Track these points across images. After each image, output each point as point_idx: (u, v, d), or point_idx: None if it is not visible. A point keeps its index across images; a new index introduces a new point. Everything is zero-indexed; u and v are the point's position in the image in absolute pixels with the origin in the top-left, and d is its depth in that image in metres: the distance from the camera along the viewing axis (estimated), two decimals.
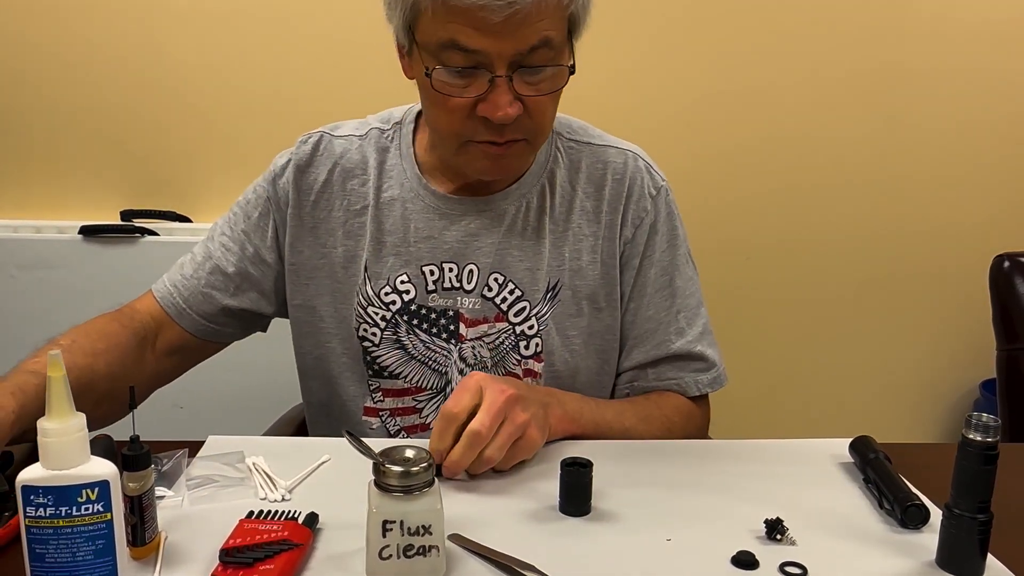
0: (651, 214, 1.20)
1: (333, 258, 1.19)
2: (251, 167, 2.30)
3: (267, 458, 0.99)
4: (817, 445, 1.09)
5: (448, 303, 1.17)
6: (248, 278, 1.20)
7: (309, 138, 1.22)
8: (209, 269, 1.20)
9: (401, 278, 1.17)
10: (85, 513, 0.70)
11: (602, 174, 1.20)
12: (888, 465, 0.98)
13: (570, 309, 1.19)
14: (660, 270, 1.21)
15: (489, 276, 1.17)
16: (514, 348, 1.18)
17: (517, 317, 1.18)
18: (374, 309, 1.18)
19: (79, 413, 0.70)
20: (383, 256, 1.18)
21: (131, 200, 2.32)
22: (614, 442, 1.08)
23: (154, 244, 2.21)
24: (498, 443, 0.94)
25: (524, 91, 1.02)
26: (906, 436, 2.77)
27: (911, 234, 2.53)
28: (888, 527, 0.90)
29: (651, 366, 1.21)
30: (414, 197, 1.18)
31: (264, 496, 0.91)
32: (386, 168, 1.19)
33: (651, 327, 1.21)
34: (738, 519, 0.90)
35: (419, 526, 0.76)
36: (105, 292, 2.21)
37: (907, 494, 0.91)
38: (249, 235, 1.20)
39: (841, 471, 1.03)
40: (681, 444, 1.08)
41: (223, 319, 1.21)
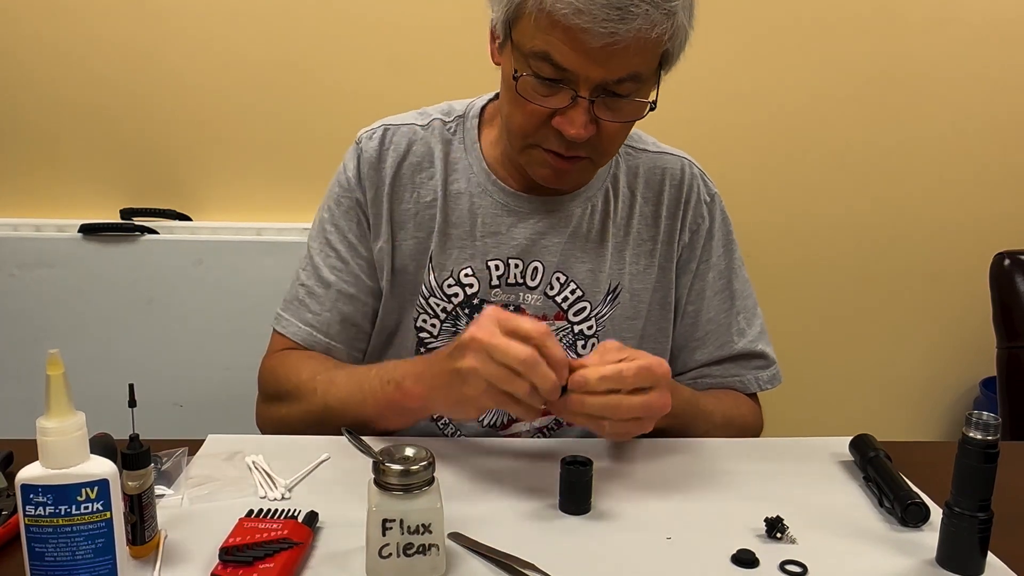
0: (707, 220, 1.23)
1: (404, 250, 1.19)
2: (252, 165, 2.32)
3: (267, 457, 0.99)
4: (817, 443, 1.09)
5: (510, 299, 1.18)
6: (371, 289, 1.20)
7: (373, 133, 1.21)
8: (335, 297, 1.18)
9: (465, 271, 1.18)
10: (84, 512, 0.70)
11: (660, 180, 1.22)
12: (888, 463, 0.98)
13: (628, 312, 1.21)
14: (718, 274, 1.24)
15: (552, 275, 1.18)
16: (571, 347, 1.20)
17: (577, 317, 1.19)
18: (435, 300, 1.18)
19: (79, 412, 0.70)
20: (448, 248, 1.18)
21: (131, 198, 2.31)
22: (614, 441, 1.08)
23: (154, 243, 2.20)
24: (635, 402, 0.90)
25: (603, 115, 1.03)
26: (906, 434, 2.77)
27: (911, 231, 2.53)
28: (888, 525, 0.90)
29: (716, 364, 1.24)
30: (482, 192, 1.18)
31: (264, 495, 0.91)
32: (451, 160, 1.19)
33: (712, 328, 1.24)
34: (738, 517, 0.89)
35: (419, 525, 0.76)
36: (105, 291, 2.23)
37: (907, 492, 0.91)
38: (355, 247, 1.19)
39: (841, 469, 1.03)
40: (681, 443, 1.07)
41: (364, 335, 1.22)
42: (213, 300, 2.23)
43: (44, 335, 2.19)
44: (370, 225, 1.19)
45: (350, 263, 1.19)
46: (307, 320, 1.18)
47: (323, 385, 1.08)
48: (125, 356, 2.22)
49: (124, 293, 2.21)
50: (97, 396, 2.35)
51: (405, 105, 1.31)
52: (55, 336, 2.19)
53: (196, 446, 1.03)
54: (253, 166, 2.33)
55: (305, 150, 2.23)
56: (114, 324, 2.21)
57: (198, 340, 2.24)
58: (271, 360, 1.18)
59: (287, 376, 1.12)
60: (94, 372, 2.21)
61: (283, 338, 1.18)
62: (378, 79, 2.23)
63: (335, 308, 1.18)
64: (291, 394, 1.11)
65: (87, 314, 2.20)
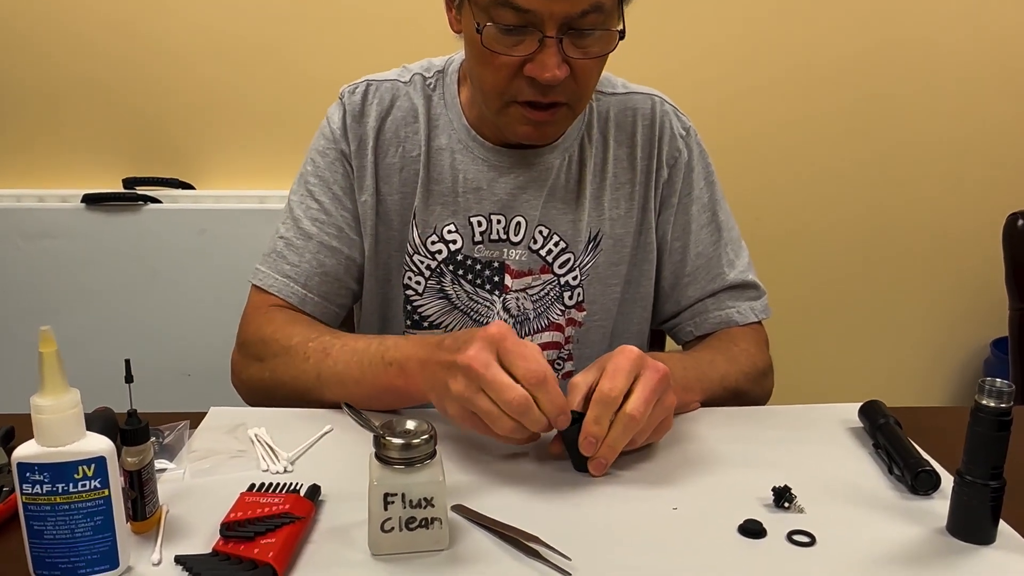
0: (684, 153, 1.22)
1: (389, 205, 1.18)
2: (255, 132, 2.30)
3: (269, 429, 0.98)
4: (826, 410, 1.07)
5: (494, 254, 1.18)
6: (354, 243, 1.19)
7: (356, 88, 1.19)
8: (315, 249, 1.17)
9: (448, 228, 1.17)
10: (82, 490, 0.69)
11: (632, 120, 1.21)
12: (898, 430, 0.96)
13: (612, 258, 1.20)
14: (701, 206, 1.23)
15: (535, 229, 1.18)
16: (558, 299, 1.20)
17: (562, 268, 1.19)
18: (420, 258, 1.18)
19: (73, 389, 0.69)
20: (431, 205, 1.18)
21: (133, 167, 2.30)
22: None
23: (157, 212, 2.20)
24: (649, 428, 0.90)
25: (573, 53, 1.01)
26: (916, 397, 2.77)
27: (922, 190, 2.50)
28: (898, 493, 0.89)
29: (710, 297, 1.23)
30: (463, 148, 1.17)
31: (266, 468, 0.90)
32: (432, 116, 1.18)
33: (702, 263, 1.23)
34: (745, 487, 0.88)
35: (421, 498, 0.75)
36: (109, 261, 2.22)
37: (917, 460, 0.89)
38: (340, 198, 1.17)
39: (850, 436, 1.01)
40: (685, 415, 1.06)
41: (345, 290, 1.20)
42: (217, 269, 2.22)
43: (48, 306, 2.19)
44: (355, 177, 1.17)
45: (333, 215, 1.17)
46: (284, 271, 1.16)
47: (316, 354, 1.05)
48: (130, 326, 2.22)
49: (128, 263, 2.20)
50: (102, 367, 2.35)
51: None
52: (59, 307, 2.19)
53: (198, 419, 1.02)
54: (256, 133, 2.31)
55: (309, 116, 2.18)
56: (118, 294, 2.20)
57: (203, 309, 2.23)
58: (257, 317, 1.14)
59: (275, 337, 1.09)
60: (99, 343, 2.21)
61: (261, 292, 1.16)
62: (384, 44, 2.20)
63: (315, 259, 1.16)
64: (278, 357, 1.08)
65: (91, 285, 2.20)
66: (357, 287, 1.21)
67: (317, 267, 1.16)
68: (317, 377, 1.04)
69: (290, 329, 1.09)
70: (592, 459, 0.89)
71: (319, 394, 1.04)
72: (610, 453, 0.89)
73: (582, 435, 0.88)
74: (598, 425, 0.87)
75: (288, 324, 1.11)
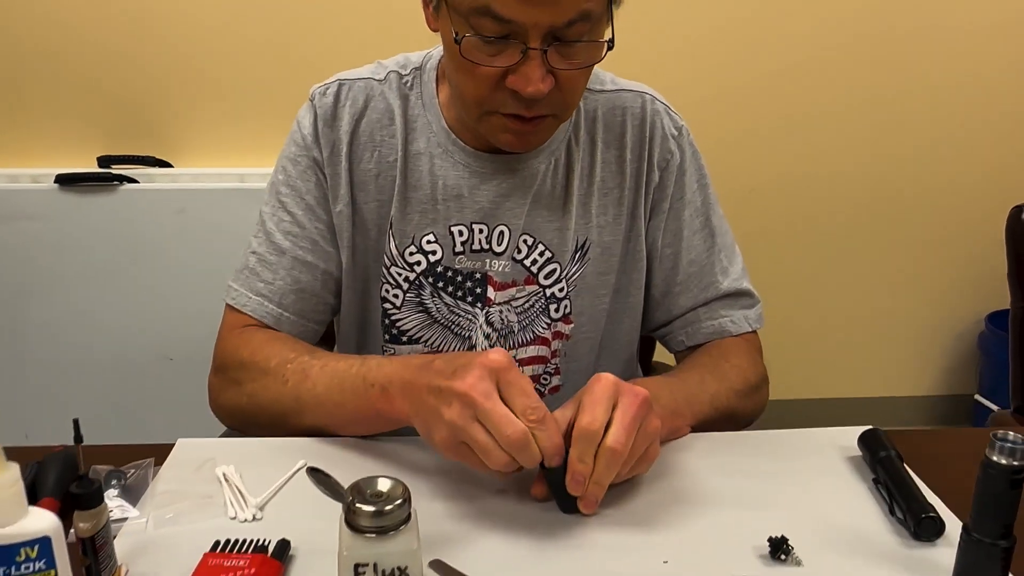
0: (676, 155, 1.15)
1: (366, 214, 1.11)
2: (235, 107, 2.22)
3: (240, 465, 0.93)
4: (823, 436, 1.03)
5: (476, 265, 1.12)
6: (330, 256, 1.13)
7: (327, 89, 1.11)
8: (289, 265, 1.10)
9: (427, 238, 1.11)
10: (26, 572, 0.64)
11: (621, 120, 1.14)
12: (900, 465, 0.92)
13: (600, 267, 1.15)
14: (694, 211, 1.17)
15: (519, 238, 1.11)
16: (544, 312, 1.14)
17: (548, 279, 1.13)
18: (397, 270, 1.12)
19: (11, 464, 0.64)
20: (408, 213, 1.11)
21: (108, 145, 2.23)
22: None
23: (134, 192, 2.14)
24: (633, 458, 0.85)
25: (558, 64, 0.93)
26: (911, 373, 2.75)
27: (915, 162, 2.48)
28: (899, 539, 0.85)
29: (702, 307, 1.18)
30: (442, 153, 1.10)
31: (234, 515, 0.85)
32: (409, 118, 1.11)
33: (694, 271, 1.17)
34: (740, 533, 0.84)
35: (394, 568, 0.70)
36: (84, 244, 2.15)
37: (921, 504, 0.85)
38: (313, 209, 1.11)
39: (850, 468, 0.97)
40: (674, 442, 1.01)
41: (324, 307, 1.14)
42: (198, 250, 2.16)
43: (22, 291, 2.13)
44: (328, 186, 1.10)
45: (307, 227, 1.10)
46: (258, 289, 1.10)
47: (295, 376, 1.00)
48: (108, 311, 2.16)
49: (105, 245, 2.14)
50: (81, 354, 2.30)
51: (393, 44, 1.21)
52: (33, 292, 2.13)
53: (164, 452, 0.97)
54: (236, 108, 2.23)
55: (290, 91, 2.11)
56: (95, 278, 2.15)
57: (184, 291, 2.18)
58: (232, 339, 1.08)
59: (253, 360, 1.04)
60: (76, 329, 2.16)
61: (235, 312, 1.10)
62: (367, 17, 2.12)
63: (290, 276, 1.10)
64: (256, 381, 1.02)
65: (66, 268, 2.14)
66: (335, 301, 1.15)
67: (292, 284, 1.10)
68: (296, 400, 0.99)
69: (268, 350, 1.04)
70: (581, 498, 0.84)
71: (298, 419, 0.99)
72: (598, 490, 0.84)
73: (569, 474, 0.83)
74: (583, 463, 0.82)
75: (266, 345, 1.05)
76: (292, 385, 1.00)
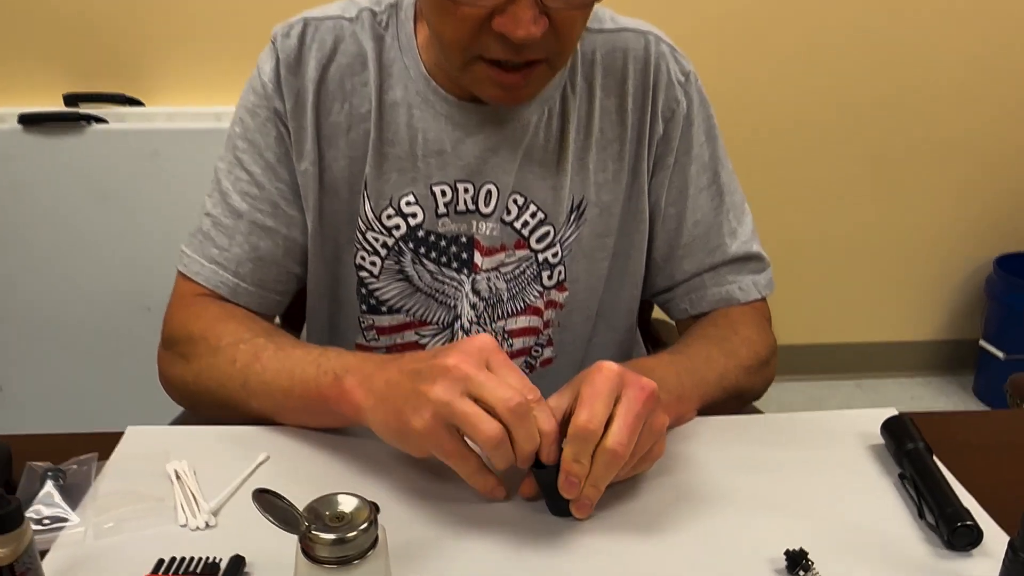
0: (683, 104, 1.03)
1: (335, 173, 0.99)
2: (212, 40, 2.08)
3: (195, 458, 0.84)
4: (842, 421, 0.93)
5: (461, 228, 1.00)
6: (293, 220, 1.01)
7: (290, 29, 0.98)
8: (247, 229, 0.99)
9: (407, 199, 0.99)
10: None
11: (622, 64, 1.01)
12: (929, 460, 0.82)
13: (597, 228, 1.03)
14: (701, 166, 1.05)
15: (508, 198, 1.00)
16: (536, 279, 1.03)
17: (540, 243, 1.02)
18: (374, 235, 1.00)
19: None
20: (385, 172, 0.99)
21: (74, 82, 2.10)
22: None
23: (104, 133, 2.01)
24: (635, 458, 0.76)
25: (553, 3, 0.81)
26: (914, 316, 2.68)
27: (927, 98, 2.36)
28: (930, 548, 0.75)
29: (708, 272, 1.07)
30: (422, 102, 0.98)
31: (184, 523, 0.76)
32: (385, 63, 0.98)
33: (700, 233, 1.06)
34: (753, 544, 0.75)
35: None
36: (51, 188, 2.02)
37: (955, 509, 0.76)
38: (273, 168, 0.99)
39: (872, 459, 0.87)
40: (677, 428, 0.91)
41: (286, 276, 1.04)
42: (173, 194, 2.05)
43: None
44: (292, 141, 0.98)
45: (267, 188, 0.99)
46: (212, 256, 0.99)
47: (245, 357, 0.89)
48: (80, 259, 2.06)
49: (74, 190, 2.03)
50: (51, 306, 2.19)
51: None
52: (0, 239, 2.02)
53: (111, 442, 0.87)
54: (212, 41, 2.09)
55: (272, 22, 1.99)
56: (64, 225, 2.04)
57: (160, 238, 2.07)
58: (183, 310, 0.98)
59: (204, 336, 0.93)
60: (44, 278, 2.05)
61: (187, 280, 1.00)
62: None
63: (247, 242, 0.99)
64: (203, 359, 0.92)
65: (35, 214, 2.03)
66: (300, 270, 1.04)
67: (250, 251, 0.99)
68: (243, 385, 0.89)
69: (221, 328, 0.94)
70: (575, 501, 0.75)
71: (245, 405, 0.89)
72: (594, 493, 0.75)
73: (562, 475, 0.74)
74: (579, 463, 0.73)
75: (219, 322, 0.95)
76: (240, 367, 0.89)
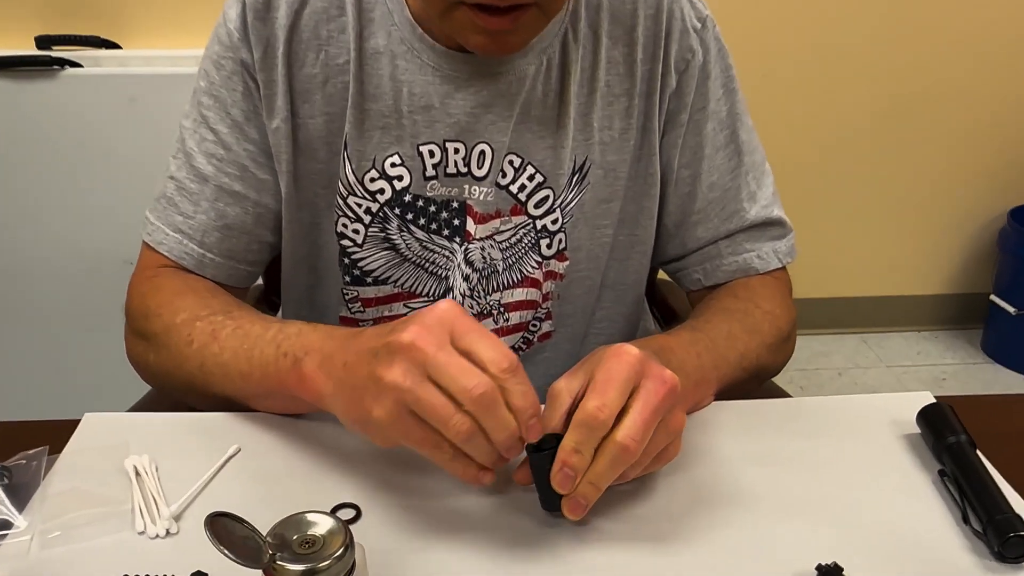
0: (699, 53, 0.93)
1: (311, 131, 0.89)
2: None
3: (158, 452, 0.75)
4: (873, 407, 0.85)
5: (452, 192, 0.91)
6: (265, 184, 0.92)
7: None
8: (213, 195, 0.90)
9: (392, 160, 0.89)
10: None
11: (631, 10, 0.91)
12: (973, 454, 0.74)
13: (602, 193, 0.94)
14: (719, 123, 0.96)
15: (504, 159, 0.90)
16: (533, 247, 0.94)
17: (538, 209, 0.93)
18: (356, 200, 0.91)
19: None
20: (367, 130, 0.89)
21: (47, 23, 1.99)
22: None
23: (79, 78, 1.90)
24: (647, 458, 0.68)
25: None
26: (924, 269, 2.62)
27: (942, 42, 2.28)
28: (977, 558, 0.68)
29: (724, 239, 0.98)
30: (406, 51, 0.87)
31: (143, 530, 0.68)
32: (365, 6, 0.87)
33: (716, 196, 0.97)
34: (779, 556, 0.67)
35: None
36: (23, 136, 1.90)
37: (1006, 515, 0.67)
38: (241, 127, 0.89)
39: (908, 453, 0.79)
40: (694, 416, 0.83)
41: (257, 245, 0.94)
42: (152, 143, 1.93)
43: None
44: (261, 96, 0.88)
45: (234, 149, 0.89)
46: (176, 224, 0.89)
47: (202, 337, 0.81)
48: (57, 211, 1.96)
49: (48, 138, 1.92)
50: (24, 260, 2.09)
51: None
52: None
53: (67, 430, 0.78)
54: None
55: None
56: (38, 175, 1.94)
57: (140, 189, 1.95)
58: (143, 283, 0.89)
59: (159, 312, 0.84)
60: (19, 231, 1.96)
61: (151, 251, 0.91)
62: None
63: (213, 209, 0.89)
64: (159, 337, 0.84)
65: (6, 163, 1.92)
66: (274, 238, 0.95)
67: (216, 219, 0.90)
68: (200, 367, 0.80)
69: (179, 303, 0.84)
70: (568, 498, 0.66)
71: (204, 389, 0.81)
72: (592, 492, 0.66)
73: (556, 465, 0.65)
74: (579, 454, 0.64)
75: (177, 296, 0.85)
76: (197, 348, 0.81)
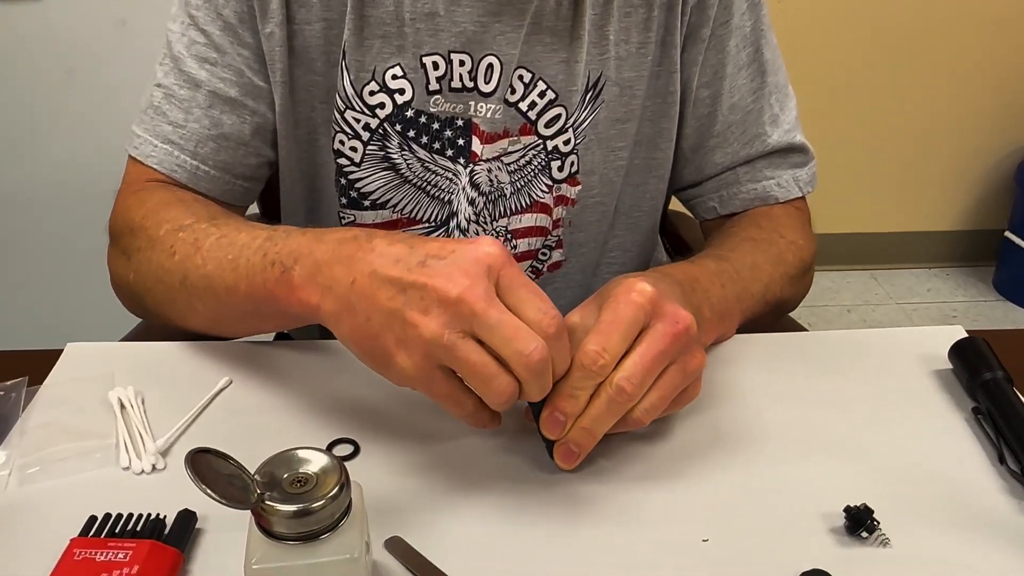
0: None
1: (308, 38, 0.83)
2: None
3: (145, 384, 0.71)
4: (901, 340, 0.80)
5: (457, 109, 0.85)
6: (261, 91, 0.85)
7: None
8: (207, 102, 0.83)
9: (393, 71, 0.83)
10: None
11: None
12: (1010, 391, 0.70)
13: (617, 112, 0.88)
14: (742, 39, 0.89)
15: (513, 74, 0.84)
16: (544, 170, 0.89)
17: (549, 128, 0.87)
18: (354, 114, 0.85)
19: None
20: (366, 39, 0.83)
21: None
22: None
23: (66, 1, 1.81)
24: (652, 399, 0.62)
25: None
26: (938, 205, 2.59)
27: None
28: (1015, 500, 0.63)
29: (743, 165, 0.93)
30: None
31: (127, 465, 0.64)
32: None
33: (736, 119, 0.91)
34: (806, 499, 0.63)
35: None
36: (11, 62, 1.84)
37: None
38: (234, 28, 0.82)
39: (940, 390, 0.74)
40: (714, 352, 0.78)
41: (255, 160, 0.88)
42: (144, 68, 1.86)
43: None
44: None
45: (227, 52, 0.82)
46: (165, 135, 0.83)
47: (185, 247, 0.74)
48: (45, 141, 1.91)
49: (34, 64, 1.86)
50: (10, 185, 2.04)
51: None
52: None
53: (48, 361, 0.74)
54: None
55: None
56: (24, 102, 1.88)
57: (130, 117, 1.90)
58: (128, 198, 0.83)
59: (143, 225, 0.78)
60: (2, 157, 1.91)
61: (138, 165, 0.84)
62: None
63: (207, 116, 0.83)
64: (142, 252, 0.78)
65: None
66: (272, 153, 0.89)
67: (211, 127, 0.83)
68: (183, 282, 0.74)
69: (164, 214, 0.78)
70: (560, 443, 0.62)
71: (189, 308, 0.75)
72: (586, 438, 0.61)
73: (547, 409, 0.61)
74: (572, 399, 0.60)
75: (164, 207, 0.79)
76: (179, 259, 0.74)
